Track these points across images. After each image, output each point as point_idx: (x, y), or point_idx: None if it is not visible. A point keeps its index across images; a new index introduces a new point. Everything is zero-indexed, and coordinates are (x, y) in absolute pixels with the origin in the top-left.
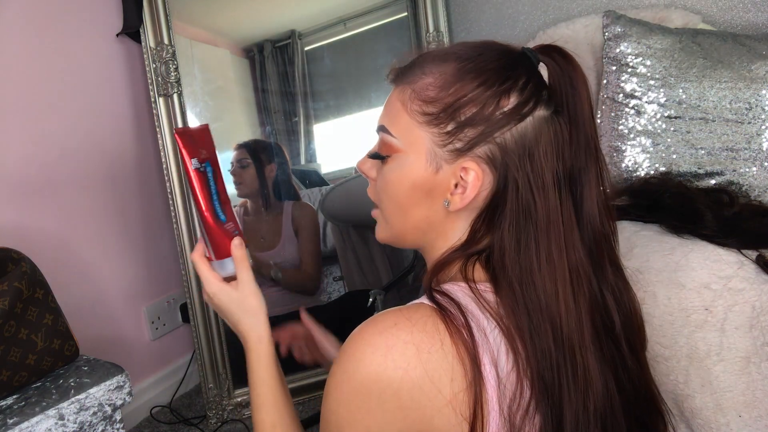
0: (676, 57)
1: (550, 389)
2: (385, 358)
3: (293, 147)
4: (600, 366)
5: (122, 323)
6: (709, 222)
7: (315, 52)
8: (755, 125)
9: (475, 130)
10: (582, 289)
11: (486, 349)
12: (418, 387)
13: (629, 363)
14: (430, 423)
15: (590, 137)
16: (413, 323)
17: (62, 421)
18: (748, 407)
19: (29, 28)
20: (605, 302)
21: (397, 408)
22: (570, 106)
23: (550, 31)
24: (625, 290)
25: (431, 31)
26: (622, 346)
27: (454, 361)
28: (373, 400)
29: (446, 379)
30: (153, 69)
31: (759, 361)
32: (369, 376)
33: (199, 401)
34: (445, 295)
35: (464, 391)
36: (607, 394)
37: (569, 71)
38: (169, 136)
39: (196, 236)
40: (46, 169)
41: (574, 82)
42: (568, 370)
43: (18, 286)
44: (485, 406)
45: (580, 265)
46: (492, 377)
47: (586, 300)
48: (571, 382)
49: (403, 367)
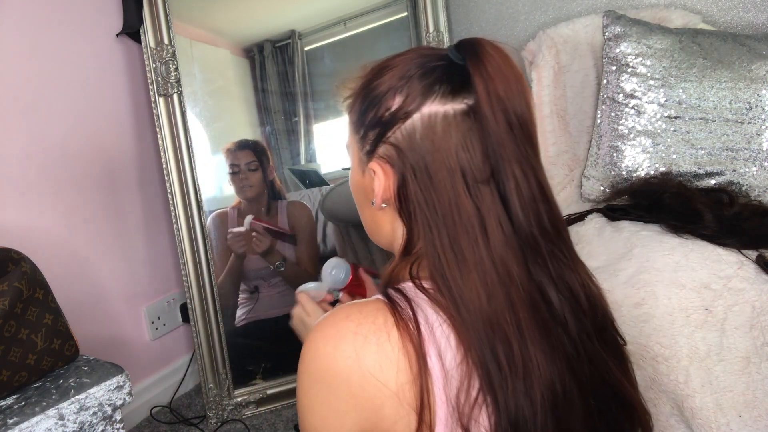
0: (676, 57)
1: (492, 379)
2: (335, 348)
3: (293, 147)
4: (547, 355)
5: (122, 323)
6: (709, 222)
7: (315, 52)
8: (755, 125)
9: (374, 132)
10: (513, 281)
11: (432, 341)
12: (366, 376)
13: (586, 351)
14: (381, 411)
15: (507, 134)
16: (364, 315)
17: (62, 421)
18: (748, 407)
19: (29, 28)
20: (545, 294)
21: (349, 396)
22: (484, 102)
23: (550, 31)
24: (575, 280)
25: (431, 31)
26: (573, 336)
27: (400, 353)
28: (327, 389)
29: (392, 371)
30: (153, 69)
31: (759, 361)
32: (322, 366)
33: (199, 401)
34: (399, 291)
35: (410, 383)
36: (558, 382)
37: (486, 67)
38: (169, 136)
39: (196, 236)
40: (46, 169)
41: (491, 78)
42: (503, 359)
43: (18, 286)
44: (432, 396)
45: (508, 258)
46: (437, 369)
47: (520, 291)
48: (511, 372)
49: (352, 357)
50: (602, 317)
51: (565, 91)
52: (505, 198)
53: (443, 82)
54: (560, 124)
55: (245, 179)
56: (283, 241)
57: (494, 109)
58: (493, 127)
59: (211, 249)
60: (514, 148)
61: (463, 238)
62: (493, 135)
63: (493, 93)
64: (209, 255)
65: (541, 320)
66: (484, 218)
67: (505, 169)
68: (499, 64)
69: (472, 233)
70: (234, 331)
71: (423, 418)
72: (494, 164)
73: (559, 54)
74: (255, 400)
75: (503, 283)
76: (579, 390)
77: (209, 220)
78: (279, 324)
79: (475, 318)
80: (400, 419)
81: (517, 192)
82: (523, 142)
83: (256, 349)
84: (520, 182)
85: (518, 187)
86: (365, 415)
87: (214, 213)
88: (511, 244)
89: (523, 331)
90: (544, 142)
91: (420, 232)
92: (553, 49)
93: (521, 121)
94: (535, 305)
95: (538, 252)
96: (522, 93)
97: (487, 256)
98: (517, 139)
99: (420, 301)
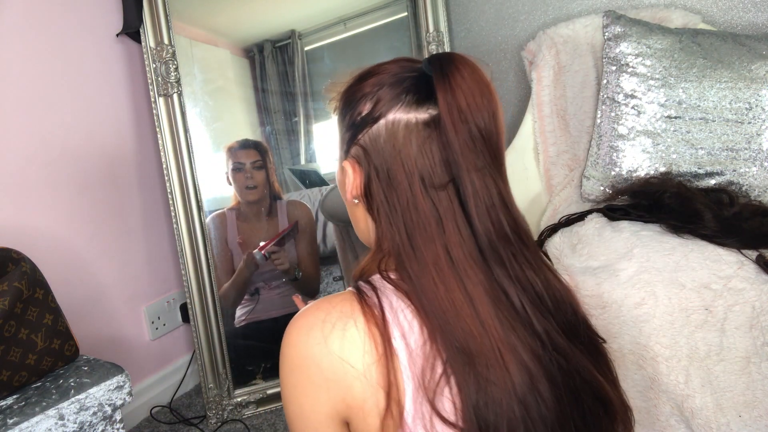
0: (676, 57)
1: (455, 365)
2: (307, 336)
3: (293, 147)
4: (511, 348)
5: (122, 323)
6: (709, 222)
7: (315, 52)
8: (755, 125)
9: (349, 133)
10: (471, 278)
11: (396, 324)
12: (334, 359)
13: (555, 347)
14: (350, 391)
15: (466, 145)
16: (333, 305)
17: (62, 421)
18: (748, 407)
19: (29, 28)
20: (507, 293)
21: (321, 380)
22: (444, 114)
23: (550, 31)
24: (538, 281)
25: (431, 31)
26: (539, 332)
27: (366, 336)
28: (302, 375)
29: (358, 353)
30: (153, 69)
31: (759, 361)
32: (297, 354)
33: (199, 401)
34: (368, 283)
35: (376, 363)
36: (522, 374)
37: (450, 81)
38: (168, 136)
39: (196, 236)
40: (46, 169)
41: (454, 91)
42: (464, 346)
43: (18, 286)
44: (398, 374)
45: (465, 258)
46: (403, 349)
47: (479, 288)
48: (471, 360)
49: (321, 342)
50: (572, 315)
51: (565, 91)
52: (463, 203)
53: (411, 92)
54: (560, 124)
55: (250, 178)
56: (292, 237)
57: (455, 121)
58: (452, 138)
59: (210, 249)
60: (473, 158)
61: (421, 235)
62: (453, 145)
63: (455, 105)
64: (209, 255)
65: (503, 317)
66: (442, 220)
67: (463, 178)
68: (465, 79)
69: (428, 232)
70: (234, 331)
71: (391, 395)
72: (454, 172)
73: (559, 54)
74: (255, 400)
75: (460, 280)
76: (549, 383)
77: (208, 220)
78: (279, 324)
79: (436, 308)
80: (368, 397)
81: (474, 199)
82: (485, 154)
83: (256, 349)
84: (478, 190)
85: (476, 195)
86: (337, 396)
87: (211, 215)
88: (468, 245)
89: (484, 323)
90: (544, 142)
91: (384, 227)
92: (553, 49)
93: (483, 133)
94: (496, 302)
95: (497, 254)
96: (487, 106)
97: (443, 254)
98: (477, 150)
99: (386, 290)
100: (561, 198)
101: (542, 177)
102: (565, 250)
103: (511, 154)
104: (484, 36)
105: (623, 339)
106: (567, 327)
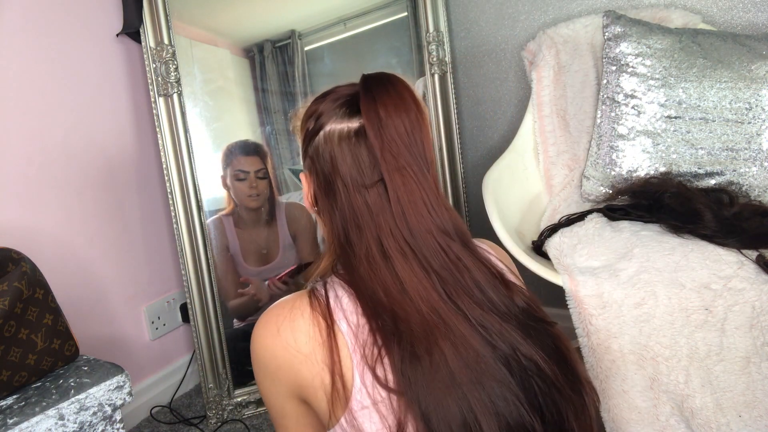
0: (676, 57)
1: (390, 344)
2: (264, 330)
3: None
4: (449, 326)
5: (122, 323)
6: (709, 222)
7: (315, 52)
8: (755, 125)
9: (302, 148)
10: (401, 266)
11: (339, 309)
12: (285, 347)
13: (494, 327)
14: (301, 374)
15: (387, 150)
16: (286, 302)
17: (62, 421)
18: (748, 407)
19: (29, 28)
20: (441, 277)
21: (276, 368)
22: (366, 123)
23: (550, 31)
24: (475, 266)
25: (431, 31)
26: (477, 315)
27: (311, 324)
28: (263, 368)
29: (304, 339)
30: (153, 69)
31: (759, 361)
32: (258, 349)
33: (199, 401)
34: (321, 279)
35: (321, 345)
36: (459, 348)
37: (372, 95)
38: (169, 136)
39: (196, 236)
40: (46, 169)
41: (374, 104)
42: (399, 327)
43: (18, 286)
44: (342, 351)
45: (397, 249)
46: (345, 328)
47: (411, 274)
48: (403, 339)
49: (274, 334)
50: (506, 298)
51: (565, 91)
52: (391, 201)
53: (344, 106)
54: (560, 124)
55: (254, 187)
56: (300, 273)
57: (375, 128)
58: (374, 143)
59: (210, 249)
60: (393, 160)
61: (354, 231)
62: (375, 149)
63: (375, 116)
64: (209, 255)
65: (435, 298)
66: (374, 215)
67: (386, 178)
68: (386, 93)
69: (362, 226)
70: (234, 331)
71: (335, 371)
72: (381, 173)
73: (559, 54)
74: (255, 400)
75: (392, 267)
76: (493, 358)
77: (208, 221)
78: None
79: (369, 292)
80: (315, 376)
81: (398, 195)
82: (405, 157)
83: None
84: (400, 187)
85: (399, 192)
86: (290, 379)
87: (208, 221)
88: (398, 237)
89: (414, 303)
90: (544, 142)
91: (329, 228)
92: (553, 49)
93: (402, 139)
94: (426, 285)
95: (429, 246)
96: (404, 117)
97: (376, 246)
98: (397, 154)
99: (334, 284)
100: (561, 198)
101: (542, 177)
102: (565, 250)
103: (511, 154)
104: (484, 36)
105: (623, 339)
106: (510, 308)
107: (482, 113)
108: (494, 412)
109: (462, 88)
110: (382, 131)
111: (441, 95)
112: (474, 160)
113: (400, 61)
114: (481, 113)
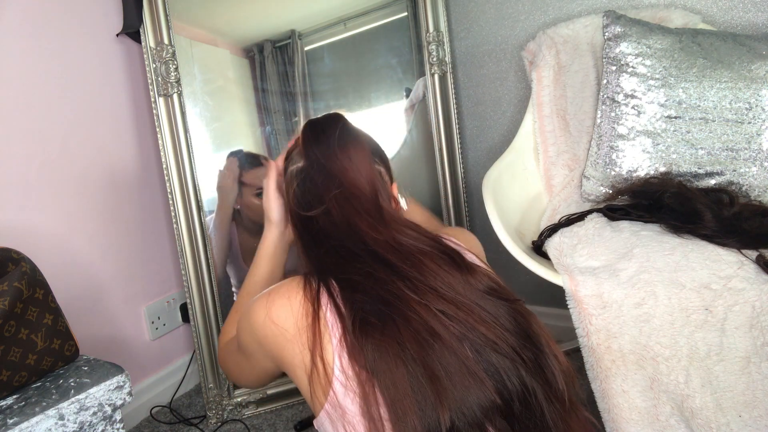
0: (676, 57)
1: (367, 329)
2: (257, 307)
3: None
4: (417, 303)
5: (122, 323)
6: (709, 222)
7: (315, 52)
8: (755, 125)
9: None
10: (358, 257)
11: (326, 294)
12: (273, 324)
13: (464, 301)
14: (282, 353)
15: (322, 181)
16: (281, 286)
17: (62, 421)
18: (748, 407)
19: (29, 28)
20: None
21: (263, 336)
22: (304, 159)
23: (550, 31)
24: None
25: (431, 31)
26: (445, 292)
27: (300, 307)
28: (250, 331)
29: (292, 320)
30: (153, 69)
31: (759, 361)
32: (251, 317)
33: (199, 401)
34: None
35: (307, 327)
36: (426, 321)
37: (307, 135)
38: (169, 136)
39: (196, 236)
40: (46, 169)
41: (309, 143)
42: (371, 311)
43: (18, 286)
44: (325, 333)
45: (347, 249)
46: (330, 311)
47: (371, 263)
48: (380, 320)
49: (265, 312)
50: (483, 276)
51: (565, 91)
52: (332, 219)
53: (299, 147)
54: (560, 124)
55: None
56: None
57: (312, 165)
58: (314, 176)
59: (210, 249)
60: (327, 192)
61: (312, 245)
62: (316, 179)
63: (313, 156)
64: (209, 255)
65: (402, 287)
66: (324, 231)
67: (325, 203)
68: (322, 135)
69: (317, 241)
70: None
71: (315, 352)
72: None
73: (559, 54)
74: (255, 400)
75: (354, 265)
76: (449, 335)
77: (207, 219)
78: None
79: (348, 284)
80: (296, 355)
81: (334, 217)
82: (339, 186)
83: None
84: (334, 211)
85: (333, 214)
86: (273, 354)
87: (208, 217)
88: (352, 247)
89: (391, 291)
90: (544, 142)
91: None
92: (553, 49)
93: (335, 172)
94: (394, 278)
95: (374, 233)
96: (339, 155)
97: (334, 252)
98: (331, 185)
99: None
100: (561, 198)
101: (542, 177)
102: (565, 250)
103: (511, 154)
104: (484, 36)
105: (623, 339)
106: (475, 283)
107: (482, 113)
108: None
109: (462, 88)
110: (317, 164)
111: (441, 95)
112: (474, 160)
113: (400, 61)
114: (481, 113)
